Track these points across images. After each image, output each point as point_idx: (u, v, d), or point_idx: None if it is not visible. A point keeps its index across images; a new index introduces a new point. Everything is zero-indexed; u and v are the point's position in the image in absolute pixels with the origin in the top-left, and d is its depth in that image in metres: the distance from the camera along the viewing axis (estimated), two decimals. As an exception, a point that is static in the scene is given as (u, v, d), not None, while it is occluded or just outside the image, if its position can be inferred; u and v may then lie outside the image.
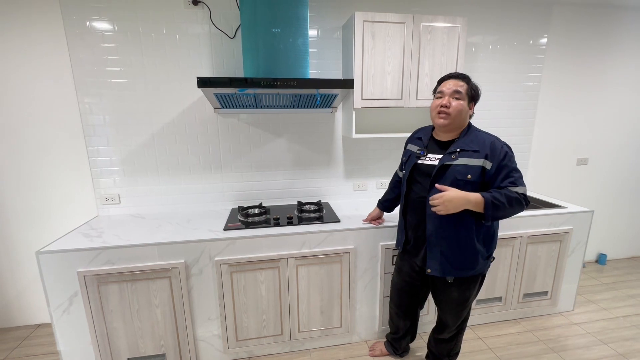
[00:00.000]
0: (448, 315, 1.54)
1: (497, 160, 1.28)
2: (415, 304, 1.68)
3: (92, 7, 1.82)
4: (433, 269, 1.41)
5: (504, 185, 1.28)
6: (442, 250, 1.37)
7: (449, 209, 1.27)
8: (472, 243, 1.36)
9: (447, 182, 1.31)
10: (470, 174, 1.29)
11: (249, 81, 1.61)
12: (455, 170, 1.30)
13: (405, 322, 1.73)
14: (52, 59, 1.86)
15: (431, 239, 1.39)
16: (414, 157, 1.45)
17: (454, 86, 1.33)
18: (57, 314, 1.59)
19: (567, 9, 2.42)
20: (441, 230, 1.36)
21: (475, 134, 1.36)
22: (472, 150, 1.30)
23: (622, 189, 2.94)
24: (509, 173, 1.28)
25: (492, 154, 1.28)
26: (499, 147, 1.30)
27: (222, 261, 1.68)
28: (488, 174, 1.29)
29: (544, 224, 2.04)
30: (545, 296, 2.19)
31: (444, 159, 1.33)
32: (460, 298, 1.47)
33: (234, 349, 1.83)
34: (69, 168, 2.02)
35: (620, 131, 2.80)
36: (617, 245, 3.08)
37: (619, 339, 2.02)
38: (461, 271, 1.39)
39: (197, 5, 1.91)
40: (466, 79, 1.35)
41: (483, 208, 1.26)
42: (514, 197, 1.26)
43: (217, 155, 2.15)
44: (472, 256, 1.37)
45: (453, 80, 1.35)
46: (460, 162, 1.30)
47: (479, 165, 1.29)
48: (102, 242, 1.62)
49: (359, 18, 1.81)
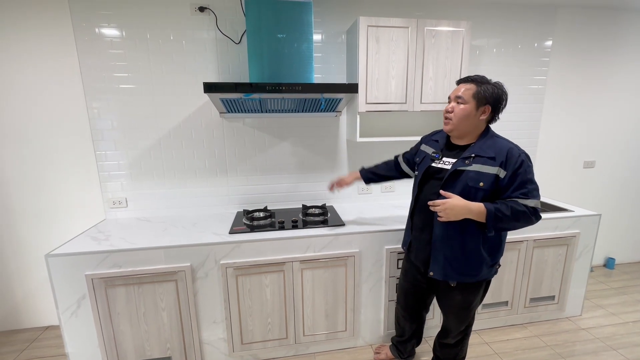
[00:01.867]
0: (451, 319, 1.54)
1: (512, 168, 1.22)
2: (422, 306, 1.68)
3: (101, 14, 1.86)
4: (435, 272, 1.41)
5: (515, 196, 1.22)
6: (446, 255, 1.36)
7: (449, 216, 1.25)
8: (478, 251, 1.33)
9: (459, 188, 1.27)
10: (482, 182, 1.24)
11: (254, 86, 1.63)
12: (468, 177, 1.26)
13: (411, 325, 1.72)
14: (61, 65, 1.90)
15: (436, 244, 1.38)
16: (428, 159, 1.43)
17: (457, 91, 1.31)
18: (66, 317, 1.62)
19: (571, 12, 2.41)
20: (447, 236, 1.34)
21: (493, 140, 1.30)
22: (488, 156, 1.25)
23: (630, 192, 2.90)
24: (523, 184, 1.23)
25: (507, 161, 1.23)
26: (516, 155, 1.24)
27: (227, 264, 1.69)
28: (501, 182, 1.24)
29: (550, 227, 2.03)
30: (553, 301, 2.17)
31: (457, 164, 1.30)
32: (463, 302, 1.46)
33: (239, 352, 1.84)
34: (77, 172, 2.05)
35: (627, 134, 2.77)
36: (625, 249, 3.04)
37: (628, 345, 1.99)
38: (463, 277, 1.38)
39: (204, 12, 1.93)
40: (475, 82, 1.29)
41: (485, 219, 1.23)
42: (520, 211, 1.21)
43: (223, 159, 2.17)
44: (477, 264, 1.35)
45: (461, 84, 1.32)
46: (473, 169, 1.26)
47: (493, 173, 1.24)
48: (109, 246, 1.64)
49: (363, 23, 1.83)
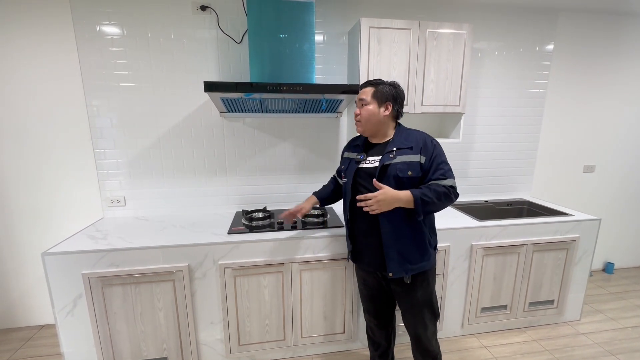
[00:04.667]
0: (419, 323, 1.49)
1: (429, 154, 1.36)
2: (391, 308, 1.64)
3: (102, 12, 1.85)
4: (394, 271, 1.40)
5: (435, 177, 1.35)
6: (399, 249, 1.39)
7: (382, 207, 1.32)
8: (423, 234, 1.41)
9: (391, 180, 1.35)
10: (410, 170, 1.35)
11: (255, 86, 1.63)
12: (397, 168, 1.35)
13: (387, 331, 1.67)
14: (61, 62, 1.89)
15: (388, 242, 1.39)
16: (354, 163, 1.48)
17: (359, 96, 1.44)
18: (62, 316, 1.60)
19: (573, 15, 2.41)
20: (396, 230, 1.38)
21: (407, 132, 1.44)
22: (407, 147, 1.38)
23: (630, 197, 2.90)
24: (439, 165, 1.36)
25: (424, 148, 1.37)
26: (429, 141, 1.39)
27: (225, 265, 1.68)
28: (423, 167, 1.36)
29: (550, 231, 2.02)
30: (552, 305, 2.16)
31: (384, 159, 1.38)
32: (425, 295, 1.46)
33: (237, 354, 1.82)
34: (75, 170, 2.04)
35: (627, 138, 2.77)
36: (624, 253, 3.03)
37: (627, 350, 1.98)
38: (420, 266, 1.41)
39: (205, 11, 1.93)
40: (372, 84, 1.42)
41: (413, 204, 1.32)
42: (442, 192, 1.33)
43: (222, 158, 2.16)
44: (425, 249, 1.42)
45: (361, 89, 1.46)
46: (399, 160, 1.36)
47: (416, 160, 1.36)
48: (107, 245, 1.63)
49: (365, 24, 1.82)
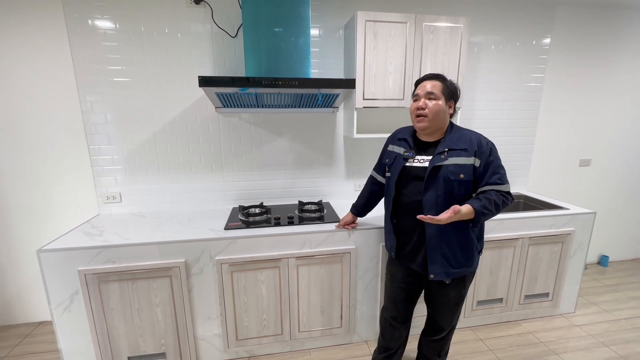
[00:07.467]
0: (444, 316, 1.52)
1: (485, 157, 1.30)
2: (412, 310, 1.63)
3: (94, 5, 1.82)
4: (436, 273, 1.37)
5: (492, 181, 1.30)
6: (443, 252, 1.35)
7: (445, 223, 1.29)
8: (471, 239, 1.37)
9: (440, 183, 1.30)
10: (462, 173, 1.29)
11: (250, 80, 1.61)
12: (448, 171, 1.29)
13: (400, 332, 1.64)
14: (54, 58, 1.86)
15: (431, 243, 1.35)
16: (401, 159, 1.40)
17: (425, 88, 1.33)
18: (58, 312, 1.60)
19: (570, 9, 2.40)
20: (441, 233, 1.34)
21: (460, 132, 1.36)
22: (461, 148, 1.30)
23: (625, 191, 2.92)
24: (495, 170, 1.31)
25: (479, 150, 1.30)
26: (485, 143, 1.32)
27: (222, 260, 1.68)
28: (477, 171, 1.30)
29: (545, 225, 2.04)
30: (547, 298, 2.18)
31: (435, 160, 1.31)
32: (457, 298, 1.46)
33: (234, 348, 1.83)
34: (70, 166, 2.02)
35: (623, 132, 2.78)
36: (619, 247, 3.07)
37: (620, 341, 2.01)
38: (462, 270, 1.39)
39: (199, 4, 1.90)
40: (440, 78, 1.34)
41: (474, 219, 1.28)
42: (501, 202, 1.30)
43: (219, 154, 2.15)
44: (471, 253, 1.39)
45: (427, 81, 1.34)
46: (451, 162, 1.29)
47: (470, 163, 1.29)
48: (103, 241, 1.63)
49: (361, 18, 1.81)
